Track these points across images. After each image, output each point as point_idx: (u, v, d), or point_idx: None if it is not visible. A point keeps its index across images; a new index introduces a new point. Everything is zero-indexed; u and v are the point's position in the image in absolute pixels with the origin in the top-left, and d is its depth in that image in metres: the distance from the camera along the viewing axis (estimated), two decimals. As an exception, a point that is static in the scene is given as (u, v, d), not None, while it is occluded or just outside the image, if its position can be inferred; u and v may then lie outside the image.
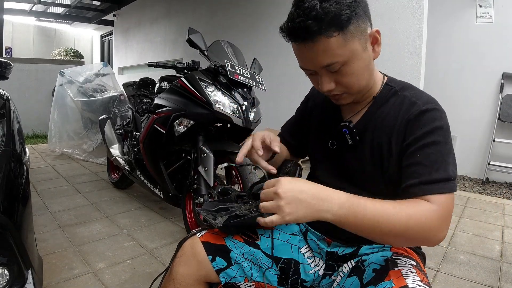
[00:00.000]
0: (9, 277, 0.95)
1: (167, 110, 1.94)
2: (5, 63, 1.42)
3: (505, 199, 3.04)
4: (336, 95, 0.78)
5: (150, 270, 1.70)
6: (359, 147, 0.81)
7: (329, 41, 0.67)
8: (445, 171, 0.68)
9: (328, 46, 0.67)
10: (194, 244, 0.83)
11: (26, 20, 10.95)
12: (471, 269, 1.77)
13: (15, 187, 1.07)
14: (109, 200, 2.76)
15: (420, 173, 0.68)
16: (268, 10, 4.57)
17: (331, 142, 0.86)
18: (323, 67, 0.71)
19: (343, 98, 0.79)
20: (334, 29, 0.66)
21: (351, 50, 0.69)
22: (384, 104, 0.80)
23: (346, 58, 0.69)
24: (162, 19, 6.93)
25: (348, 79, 0.73)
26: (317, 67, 0.72)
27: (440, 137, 0.70)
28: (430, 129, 0.71)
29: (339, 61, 0.69)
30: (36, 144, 5.22)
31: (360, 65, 0.72)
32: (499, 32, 3.50)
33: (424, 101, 0.74)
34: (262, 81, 1.96)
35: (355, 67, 0.71)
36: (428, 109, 0.72)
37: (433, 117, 0.72)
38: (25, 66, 5.70)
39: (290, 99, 4.22)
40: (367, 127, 0.81)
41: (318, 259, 0.90)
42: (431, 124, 0.71)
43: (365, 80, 0.76)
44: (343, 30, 0.66)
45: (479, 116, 3.71)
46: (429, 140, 0.70)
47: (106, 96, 3.99)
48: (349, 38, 0.68)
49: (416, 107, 0.73)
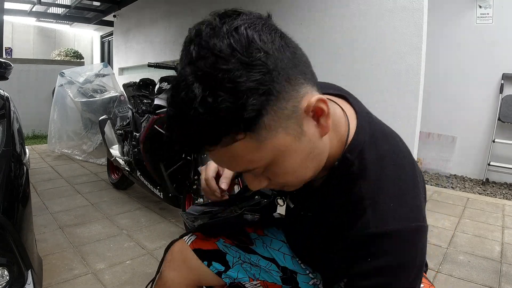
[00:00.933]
0: (9, 277, 0.95)
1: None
2: (5, 64, 1.43)
3: (505, 200, 3.04)
4: (276, 188, 0.58)
5: (150, 271, 1.70)
6: (302, 217, 0.71)
7: (233, 148, 0.43)
8: None
9: (235, 153, 0.44)
10: (183, 250, 0.81)
11: (26, 21, 10.95)
12: (471, 270, 1.76)
13: (15, 188, 1.07)
14: (109, 200, 2.76)
15: None
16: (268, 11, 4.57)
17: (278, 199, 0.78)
18: (241, 172, 0.52)
19: (285, 189, 0.58)
20: (235, 132, 0.42)
21: (273, 149, 0.46)
22: (335, 189, 0.59)
23: (268, 160, 0.47)
24: (162, 19, 6.93)
25: (283, 179, 0.52)
26: (235, 171, 0.57)
27: (394, 277, 0.49)
28: (381, 265, 0.49)
29: (259, 166, 0.48)
30: (36, 144, 5.22)
31: (296, 161, 0.49)
32: (499, 33, 3.50)
33: (380, 214, 0.50)
34: (262, 81, 1.96)
35: (288, 165, 0.49)
36: (384, 233, 0.49)
37: (387, 247, 0.49)
38: (25, 67, 5.71)
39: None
40: (310, 206, 0.67)
41: None
42: (382, 257, 0.49)
43: (310, 171, 0.53)
44: (251, 130, 0.42)
45: (479, 117, 3.71)
46: (376, 281, 0.49)
47: (106, 96, 3.99)
48: (265, 137, 0.44)
49: (363, 224, 0.51)
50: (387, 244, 0.49)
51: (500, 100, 3.55)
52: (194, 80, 0.40)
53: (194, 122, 0.40)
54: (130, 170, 2.63)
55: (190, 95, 0.40)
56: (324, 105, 0.47)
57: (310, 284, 0.83)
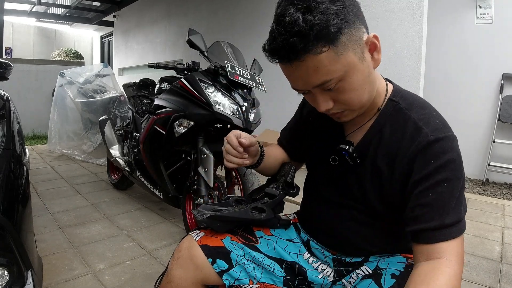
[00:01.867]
0: (9, 277, 0.95)
1: (167, 111, 1.94)
2: (5, 64, 1.42)
3: (505, 200, 3.04)
4: (337, 114, 0.71)
5: (150, 271, 1.70)
6: (359, 167, 0.76)
7: (319, 58, 0.58)
8: (456, 213, 0.63)
9: (319, 63, 0.59)
10: (191, 247, 0.82)
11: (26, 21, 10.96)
12: (471, 270, 1.76)
13: (15, 188, 1.07)
14: (109, 201, 2.76)
15: (431, 217, 0.63)
16: (268, 11, 4.57)
17: (333, 158, 0.79)
18: (317, 87, 0.63)
19: (344, 115, 0.71)
20: (323, 44, 0.57)
21: (346, 64, 0.60)
22: (387, 123, 0.73)
23: (341, 73, 0.61)
24: (162, 20, 6.94)
25: (347, 95, 0.65)
26: (310, 87, 0.64)
27: (452, 172, 0.64)
28: (441, 164, 0.63)
29: (334, 78, 0.61)
30: (36, 144, 5.23)
31: (359, 78, 0.63)
32: (499, 33, 3.51)
33: (433, 127, 0.66)
34: (262, 82, 1.96)
35: (353, 81, 0.63)
36: (437, 139, 0.65)
37: (443, 149, 0.64)
38: (25, 67, 5.71)
39: (290, 100, 4.22)
40: (368, 148, 0.75)
41: (326, 265, 0.86)
42: (442, 157, 0.64)
43: (366, 94, 0.67)
44: (333, 44, 0.58)
45: (479, 117, 3.71)
46: (440, 178, 0.63)
47: (106, 97, 3.99)
48: (341, 51, 0.59)
49: (423, 136, 0.66)
50: (441, 146, 0.64)
51: (500, 100, 3.56)
52: (296, 10, 0.56)
53: (297, 33, 0.56)
54: (130, 171, 2.63)
55: (294, 17, 0.56)
56: (377, 41, 0.65)
57: (319, 277, 0.85)
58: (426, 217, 0.63)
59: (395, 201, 0.71)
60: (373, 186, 0.74)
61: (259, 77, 1.99)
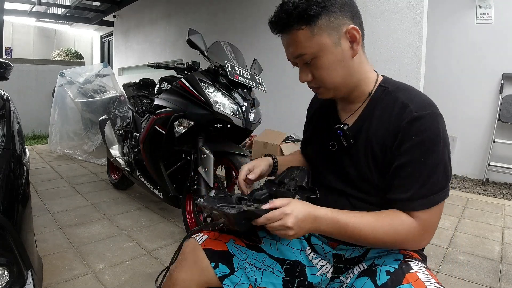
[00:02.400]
0: (9, 277, 0.95)
1: (167, 111, 1.94)
2: (5, 64, 1.43)
3: (505, 200, 3.04)
4: (315, 89, 0.83)
5: (150, 271, 1.70)
6: (353, 149, 0.81)
7: (297, 33, 0.73)
8: (431, 184, 0.70)
9: (297, 38, 0.74)
10: (195, 251, 0.82)
11: (26, 21, 10.95)
12: (471, 270, 1.76)
13: (15, 188, 1.07)
14: (109, 200, 2.76)
15: (407, 188, 0.71)
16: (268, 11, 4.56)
17: (332, 144, 0.85)
18: (296, 58, 0.77)
19: (320, 92, 0.82)
20: (302, 23, 0.72)
21: (319, 44, 0.73)
22: (378, 106, 0.80)
23: (314, 51, 0.74)
24: (162, 20, 6.94)
25: (320, 72, 0.77)
26: (291, 57, 0.79)
27: (432, 146, 0.71)
28: (421, 139, 0.70)
29: (308, 53, 0.74)
30: (36, 144, 5.23)
31: (330, 60, 0.75)
32: (499, 33, 3.51)
33: (418, 105, 0.73)
34: (262, 81, 1.96)
35: (325, 61, 0.75)
36: (420, 115, 0.71)
37: (425, 126, 0.71)
38: (25, 67, 5.71)
39: (290, 99, 4.22)
40: (361, 129, 0.81)
41: (325, 262, 0.88)
42: (422, 134, 0.70)
43: (338, 76, 0.77)
44: (310, 25, 0.72)
45: (479, 117, 3.71)
46: (418, 153, 0.71)
47: (106, 96, 3.99)
48: (316, 32, 0.72)
49: (408, 113, 0.72)
50: (424, 123, 0.71)
51: (500, 100, 3.56)
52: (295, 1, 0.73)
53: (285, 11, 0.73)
54: (130, 170, 2.63)
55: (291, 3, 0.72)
56: (357, 33, 0.74)
57: (317, 275, 0.87)
58: (403, 188, 0.72)
59: None
60: (368, 166, 0.79)
61: (259, 77, 1.99)
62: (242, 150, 1.86)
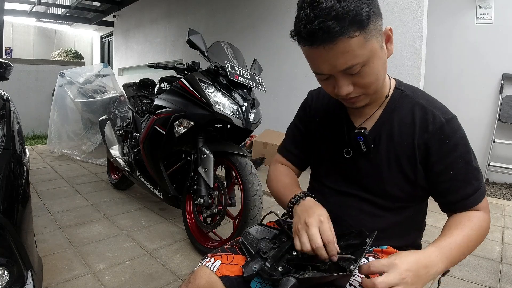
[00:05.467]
0: (9, 278, 0.95)
1: (167, 111, 1.94)
2: (5, 64, 1.43)
3: (505, 200, 3.03)
4: (353, 98, 0.73)
5: (150, 271, 1.70)
6: (373, 153, 0.79)
7: (350, 41, 0.62)
8: (477, 179, 0.74)
9: (349, 47, 0.63)
10: (211, 284, 0.72)
11: (26, 21, 10.96)
12: (471, 270, 1.76)
13: (15, 188, 1.07)
14: (109, 201, 2.76)
15: (457, 188, 0.74)
16: (268, 11, 4.58)
17: (346, 150, 0.83)
18: (345, 70, 0.66)
19: (359, 100, 0.74)
20: (356, 29, 0.61)
21: (370, 50, 0.65)
22: (397, 109, 0.79)
23: (366, 58, 0.65)
24: (162, 20, 6.94)
25: (367, 80, 0.69)
26: (336, 70, 0.67)
27: (465, 147, 0.74)
28: (455, 141, 0.74)
29: (360, 62, 0.65)
30: (36, 144, 5.23)
31: (379, 64, 0.69)
32: (499, 33, 3.51)
33: (441, 110, 0.76)
34: (262, 82, 1.96)
35: (374, 67, 0.68)
36: (448, 119, 0.75)
37: (454, 129, 0.74)
38: (25, 67, 5.71)
39: (290, 99, 4.22)
40: (381, 133, 0.79)
41: None
42: (454, 135, 0.74)
43: (382, 79, 0.73)
44: (364, 30, 0.63)
45: (479, 117, 3.71)
46: (457, 154, 0.73)
47: (106, 97, 3.99)
48: (369, 38, 0.64)
49: (437, 119, 0.75)
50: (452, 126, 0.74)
51: (500, 100, 3.55)
52: None
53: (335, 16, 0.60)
54: (130, 171, 2.63)
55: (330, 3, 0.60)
56: (391, 33, 0.72)
57: None
58: (452, 190, 0.74)
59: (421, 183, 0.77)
60: (389, 169, 0.78)
61: (259, 77, 1.99)
62: (242, 150, 1.86)
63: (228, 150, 1.84)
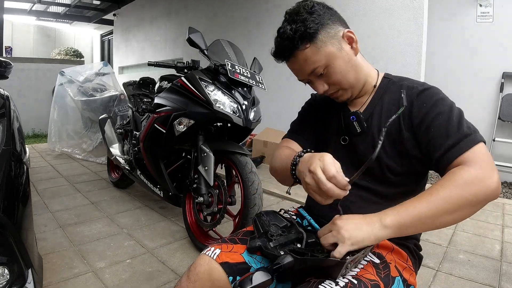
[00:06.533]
0: (9, 276, 0.95)
1: (167, 110, 1.94)
2: (5, 63, 1.42)
3: (505, 199, 3.04)
4: (333, 94, 0.87)
5: (150, 270, 1.70)
6: (368, 133, 0.85)
7: (305, 52, 0.80)
8: (458, 132, 0.72)
9: (306, 56, 0.80)
10: (211, 269, 0.75)
11: (26, 20, 10.94)
12: (471, 269, 1.77)
13: (15, 187, 1.07)
14: (109, 199, 2.76)
15: (439, 145, 0.73)
16: (268, 10, 4.57)
17: (343, 138, 0.89)
18: (310, 74, 0.83)
19: (340, 94, 0.87)
20: (306, 42, 0.79)
21: (326, 54, 0.80)
22: (386, 93, 0.87)
23: (325, 61, 0.80)
24: (162, 18, 6.93)
25: (335, 77, 0.83)
26: (305, 75, 0.84)
27: (444, 106, 0.77)
28: (433, 102, 0.77)
29: (320, 65, 0.81)
30: (36, 143, 5.23)
31: (341, 64, 0.82)
32: (499, 32, 3.50)
33: (421, 84, 0.83)
34: (262, 80, 1.96)
35: (336, 66, 0.81)
36: (426, 88, 0.81)
37: (432, 93, 0.80)
38: (25, 66, 5.70)
39: (290, 98, 4.22)
40: (373, 112, 0.86)
41: None
42: (432, 98, 0.78)
43: (352, 75, 0.84)
44: (313, 41, 0.79)
45: (479, 116, 3.71)
46: (435, 113, 0.76)
47: (106, 95, 3.99)
48: (320, 46, 0.79)
49: (415, 89, 0.81)
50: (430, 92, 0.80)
51: (500, 99, 3.55)
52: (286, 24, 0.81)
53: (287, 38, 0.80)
54: (130, 169, 2.63)
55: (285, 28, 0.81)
56: (352, 34, 0.83)
57: None
58: (435, 148, 0.74)
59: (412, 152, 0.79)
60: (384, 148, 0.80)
61: (259, 75, 1.98)
62: (242, 149, 1.86)
63: (228, 149, 1.84)
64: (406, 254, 0.83)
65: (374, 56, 3.25)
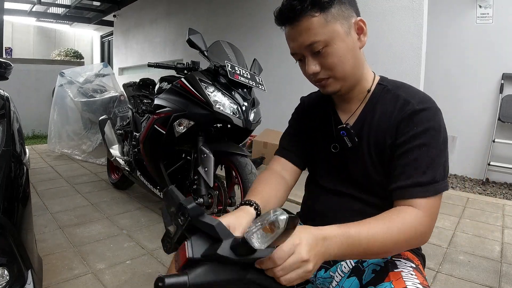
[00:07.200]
0: (9, 277, 0.95)
1: (167, 111, 1.94)
2: (5, 64, 1.42)
3: (505, 200, 3.04)
4: (322, 80, 0.79)
5: (150, 271, 1.70)
6: (359, 148, 0.80)
7: (311, 20, 0.71)
8: (432, 173, 0.69)
9: (311, 25, 0.72)
10: None
11: (26, 21, 10.94)
12: (471, 270, 1.76)
13: (15, 188, 1.07)
14: (109, 200, 2.76)
15: (408, 175, 0.70)
16: (268, 11, 4.57)
17: (334, 146, 0.85)
18: (307, 47, 0.74)
19: (328, 83, 0.79)
20: (316, 10, 0.71)
21: (332, 31, 0.72)
22: (378, 103, 0.81)
23: (327, 38, 0.72)
24: (162, 19, 6.93)
25: (331, 60, 0.75)
26: (302, 47, 0.75)
27: (432, 138, 0.71)
28: (423, 129, 0.71)
29: (321, 40, 0.72)
30: (36, 144, 5.23)
31: (342, 47, 0.74)
32: (499, 33, 3.51)
33: (418, 100, 0.75)
34: (262, 81, 1.96)
35: (337, 48, 0.74)
36: (422, 108, 0.73)
37: (426, 117, 0.73)
38: (25, 67, 5.70)
39: (290, 99, 4.21)
40: (363, 127, 0.81)
41: None
42: (424, 124, 0.72)
43: (349, 65, 0.76)
44: (324, 12, 0.71)
45: (479, 117, 3.71)
46: (420, 142, 0.71)
47: (106, 96, 3.99)
48: (330, 20, 0.72)
49: (410, 106, 0.74)
50: (425, 115, 0.73)
51: (500, 100, 3.56)
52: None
53: None
54: (130, 170, 2.63)
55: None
56: (364, 25, 0.77)
57: None
58: (403, 176, 0.71)
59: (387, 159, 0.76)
60: (373, 164, 0.78)
61: (259, 76, 1.99)
62: (242, 150, 1.86)
63: (228, 150, 1.84)
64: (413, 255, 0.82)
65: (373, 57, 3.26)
